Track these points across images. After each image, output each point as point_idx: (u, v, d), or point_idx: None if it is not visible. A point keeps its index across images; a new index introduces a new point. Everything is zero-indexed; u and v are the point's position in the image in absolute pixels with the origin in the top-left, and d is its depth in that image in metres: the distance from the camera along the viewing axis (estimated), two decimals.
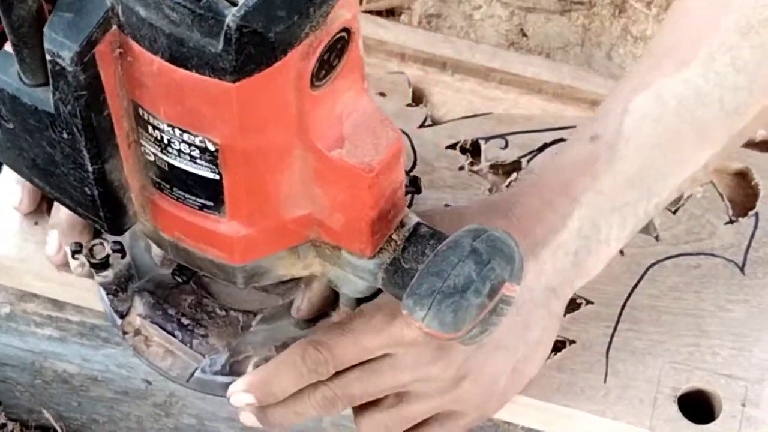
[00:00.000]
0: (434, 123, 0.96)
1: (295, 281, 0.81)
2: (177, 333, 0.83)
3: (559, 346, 0.87)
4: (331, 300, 0.82)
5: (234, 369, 0.82)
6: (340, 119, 0.66)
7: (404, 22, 1.25)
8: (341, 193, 0.68)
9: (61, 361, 0.94)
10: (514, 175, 0.93)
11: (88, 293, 0.88)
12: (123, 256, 0.81)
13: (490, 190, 0.92)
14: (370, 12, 1.24)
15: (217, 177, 0.66)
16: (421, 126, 0.95)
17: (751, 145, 0.95)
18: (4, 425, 1.04)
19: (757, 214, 0.92)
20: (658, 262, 0.90)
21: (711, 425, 0.84)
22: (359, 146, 0.66)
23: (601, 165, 0.79)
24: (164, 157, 0.66)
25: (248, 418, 0.79)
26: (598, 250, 0.80)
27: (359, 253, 0.71)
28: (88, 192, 0.67)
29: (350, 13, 0.62)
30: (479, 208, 0.81)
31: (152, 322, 0.83)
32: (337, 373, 0.77)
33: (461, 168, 0.93)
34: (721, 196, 0.93)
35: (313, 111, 0.64)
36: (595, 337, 0.87)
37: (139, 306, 0.83)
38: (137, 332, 0.83)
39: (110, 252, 0.80)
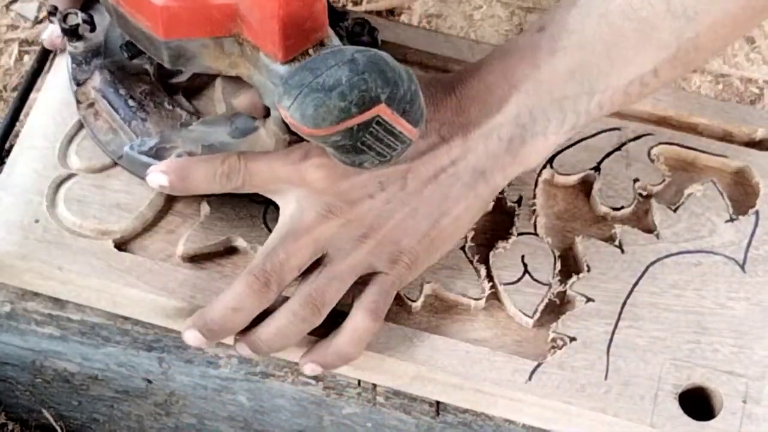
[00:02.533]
0: None
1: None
2: (120, 111, 0.89)
3: (559, 343, 0.87)
4: (260, 110, 0.86)
5: (158, 154, 0.87)
6: None
7: (404, 22, 1.25)
8: None
9: (61, 360, 0.94)
10: None
11: (89, 292, 0.88)
12: (92, 30, 0.90)
13: None
14: (370, 12, 1.24)
15: None
16: None
17: (750, 144, 0.96)
18: (4, 425, 1.03)
19: (757, 213, 0.92)
20: (658, 259, 0.90)
21: (712, 422, 0.84)
22: None
23: (542, 55, 0.81)
24: None
25: (194, 338, 0.82)
26: (534, 141, 0.82)
27: (273, 56, 0.76)
28: None
29: None
30: (430, 79, 0.84)
31: (102, 96, 0.90)
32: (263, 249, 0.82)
33: None
34: (722, 194, 0.93)
35: None
36: (595, 334, 0.87)
37: (96, 79, 0.90)
38: (90, 105, 0.91)
39: (81, 22, 0.89)
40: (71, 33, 0.90)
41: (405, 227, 0.82)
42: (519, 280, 0.88)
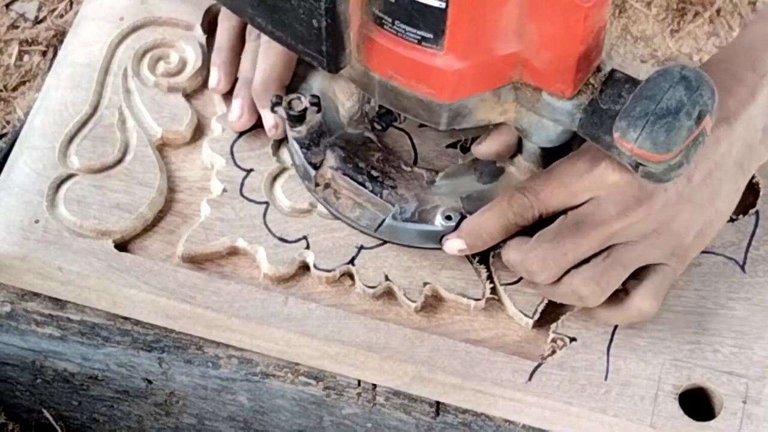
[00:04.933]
0: None
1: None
2: (367, 184, 0.88)
3: (559, 343, 0.87)
4: (511, 148, 0.85)
5: (422, 217, 0.87)
6: None
7: None
8: (554, 27, 0.71)
9: (61, 360, 0.94)
10: None
11: (89, 292, 0.88)
12: (319, 110, 0.88)
13: None
14: None
15: (444, 5, 0.71)
16: (422, 125, 0.95)
17: None
18: (4, 425, 1.03)
19: (757, 213, 0.92)
20: None
21: (712, 422, 0.84)
22: None
23: None
24: None
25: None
26: None
27: (559, 94, 0.75)
28: (315, 24, 0.72)
29: None
30: None
31: (344, 174, 0.88)
32: (548, 236, 0.82)
33: None
34: None
35: None
36: (596, 334, 0.87)
37: (331, 159, 0.89)
38: (327, 185, 0.89)
39: (308, 105, 0.87)
40: (297, 119, 0.88)
41: (686, 222, 0.82)
42: (519, 280, 0.88)
